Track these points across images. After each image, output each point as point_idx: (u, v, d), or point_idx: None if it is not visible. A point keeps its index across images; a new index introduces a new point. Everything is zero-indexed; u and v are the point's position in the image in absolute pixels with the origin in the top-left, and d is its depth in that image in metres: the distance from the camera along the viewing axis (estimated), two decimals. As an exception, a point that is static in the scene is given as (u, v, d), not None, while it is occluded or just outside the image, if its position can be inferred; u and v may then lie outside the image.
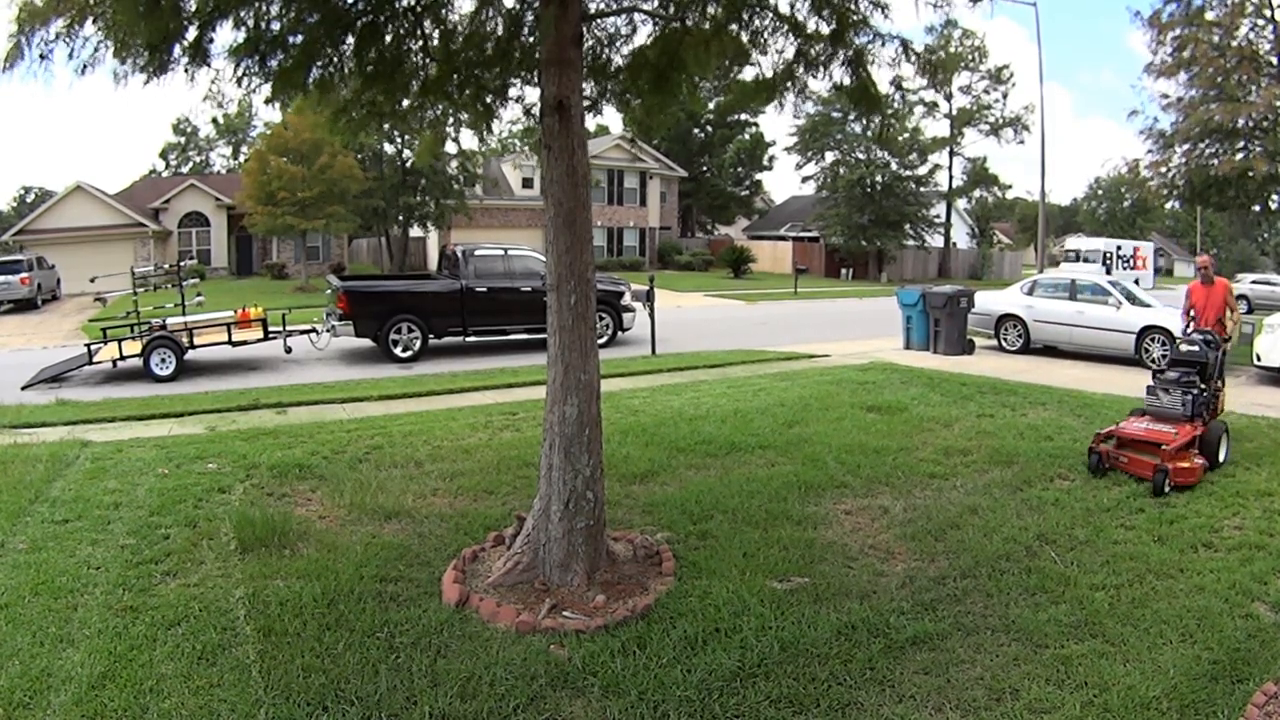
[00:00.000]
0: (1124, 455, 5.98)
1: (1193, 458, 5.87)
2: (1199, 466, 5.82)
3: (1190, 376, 6.37)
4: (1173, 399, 6.31)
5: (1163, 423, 6.18)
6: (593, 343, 4.03)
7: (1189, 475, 5.69)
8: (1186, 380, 6.34)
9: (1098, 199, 64.22)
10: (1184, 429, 6.04)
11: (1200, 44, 16.43)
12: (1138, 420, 6.40)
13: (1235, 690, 3.07)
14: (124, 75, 3.56)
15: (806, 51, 4.24)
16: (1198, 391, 6.27)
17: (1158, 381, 6.54)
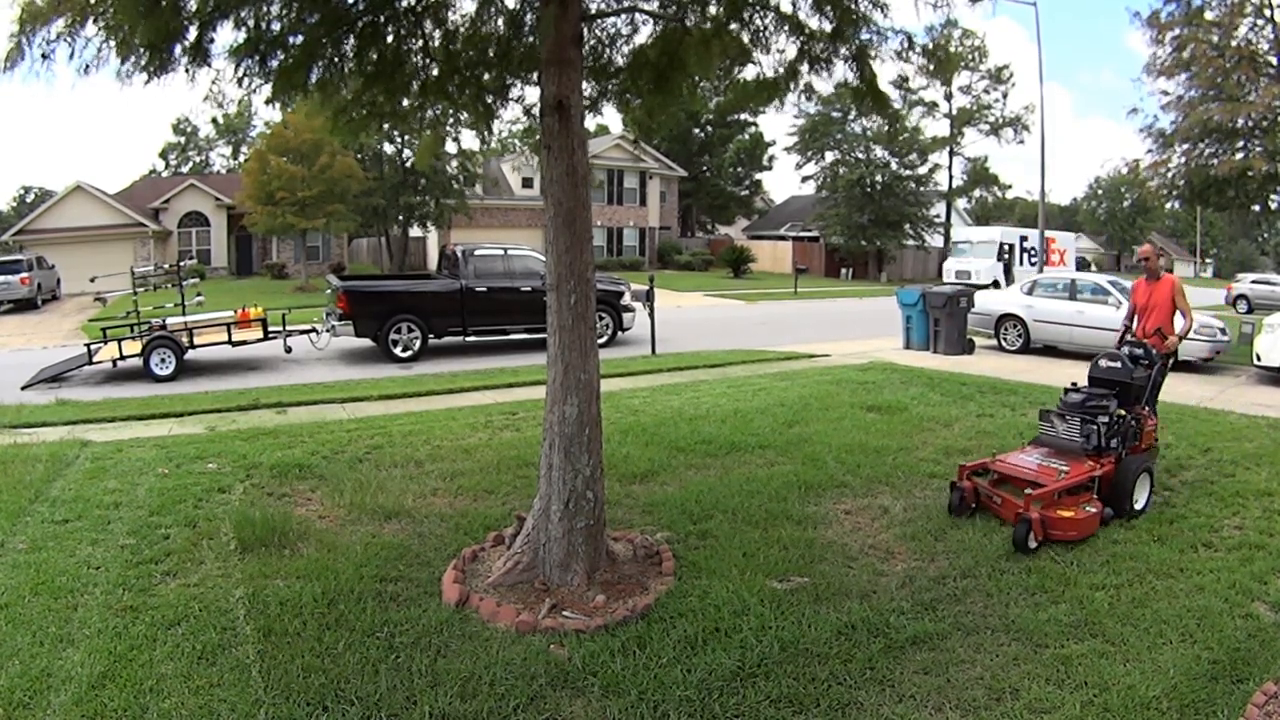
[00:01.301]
0: (998, 495, 4.89)
1: (1083, 505, 4.74)
2: (1089, 517, 4.65)
3: (1102, 400, 5.25)
4: (1070, 427, 5.23)
5: (1058, 457, 5.14)
6: (593, 342, 4.03)
7: (1071, 527, 4.55)
8: (1094, 405, 5.21)
9: (1098, 199, 64.27)
10: (1078, 467, 4.94)
11: (1199, 44, 16.44)
12: (1029, 451, 5.36)
13: (1235, 690, 3.07)
14: (126, 75, 3.56)
15: (809, 50, 4.24)
16: (1108, 419, 5.16)
17: (1061, 403, 5.42)
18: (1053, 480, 4.77)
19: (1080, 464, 4.98)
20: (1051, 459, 5.10)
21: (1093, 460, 5.05)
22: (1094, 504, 4.82)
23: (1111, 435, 5.16)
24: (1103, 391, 5.36)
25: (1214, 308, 23.49)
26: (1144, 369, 5.54)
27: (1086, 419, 5.19)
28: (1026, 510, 4.49)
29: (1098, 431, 5.11)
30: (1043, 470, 4.93)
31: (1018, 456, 5.23)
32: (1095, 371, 5.61)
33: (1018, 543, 4.43)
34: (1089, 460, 5.05)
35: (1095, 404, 5.24)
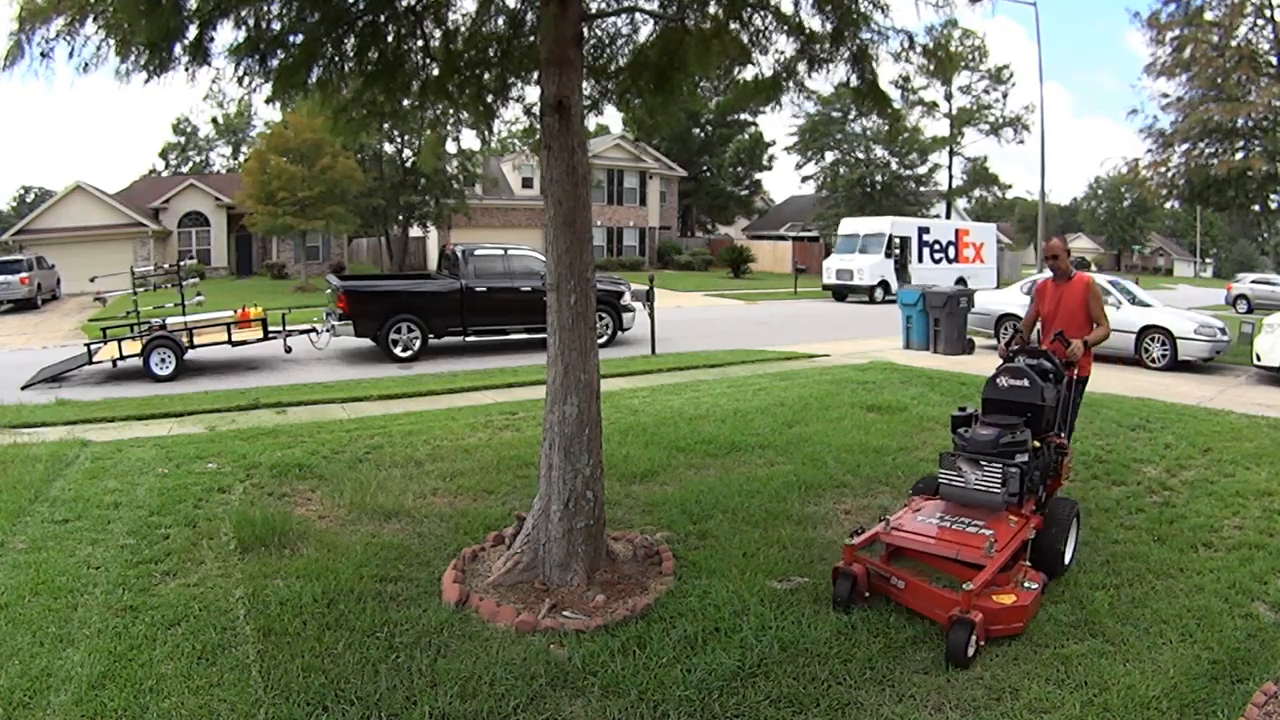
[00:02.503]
0: (898, 578, 3.73)
1: (1021, 579, 3.66)
2: (1034, 598, 3.56)
3: (1015, 434, 4.07)
4: (985, 475, 3.95)
5: (968, 515, 3.93)
6: (593, 342, 4.03)
7: (1017, 617, 3.47)
8: (1009, 441, 4.03)
9: (1097, 199, 64.29)
10: (1003, 528, 3.79)
11: (1199, 44, 16.46)
12: (927, 509, 4.11)
13: (1235, 690, 3.07)
14: (125, 74, 3.56)
15: (809, 50, 4.24)
16: (1029, 458, 4.03)
17: (963, 442, 4.19)
18: (980, 552, 3.55)
19: (1003, 523, 3.82)
20: (962, 519, 3.89)
21: (1016, 515, 3.92)
22: (1030, 575, 3.69)
23: (1033, 478, 4.09)
24: (1014, 421, 4.17)
25: (1214, 308, 23.50)
26: (1055, 385, 4.50)
27: (1004, 461, 3.94)
28: (967, 609, 3.29)
29: (1021, 475, 3.90)
30: (963, 541, 3.68)
31: (917, 520, 3.99)
32: (994, 393, 4.37)
33: (955, 655, 3.22)
34: (1012, 515, 3.89)
35: (1011, 439, 4.04)
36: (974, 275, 28.66)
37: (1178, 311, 12.74)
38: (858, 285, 26.40)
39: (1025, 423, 4.19)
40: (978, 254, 30.30)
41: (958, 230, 30.27)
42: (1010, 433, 4.10)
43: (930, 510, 4.10)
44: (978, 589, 3.38)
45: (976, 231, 31.17)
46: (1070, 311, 5.15)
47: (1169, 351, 11.85)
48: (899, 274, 27.13)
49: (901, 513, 4.15)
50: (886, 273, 26.73)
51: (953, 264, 28.95)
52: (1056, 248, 5.23)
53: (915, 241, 28.15)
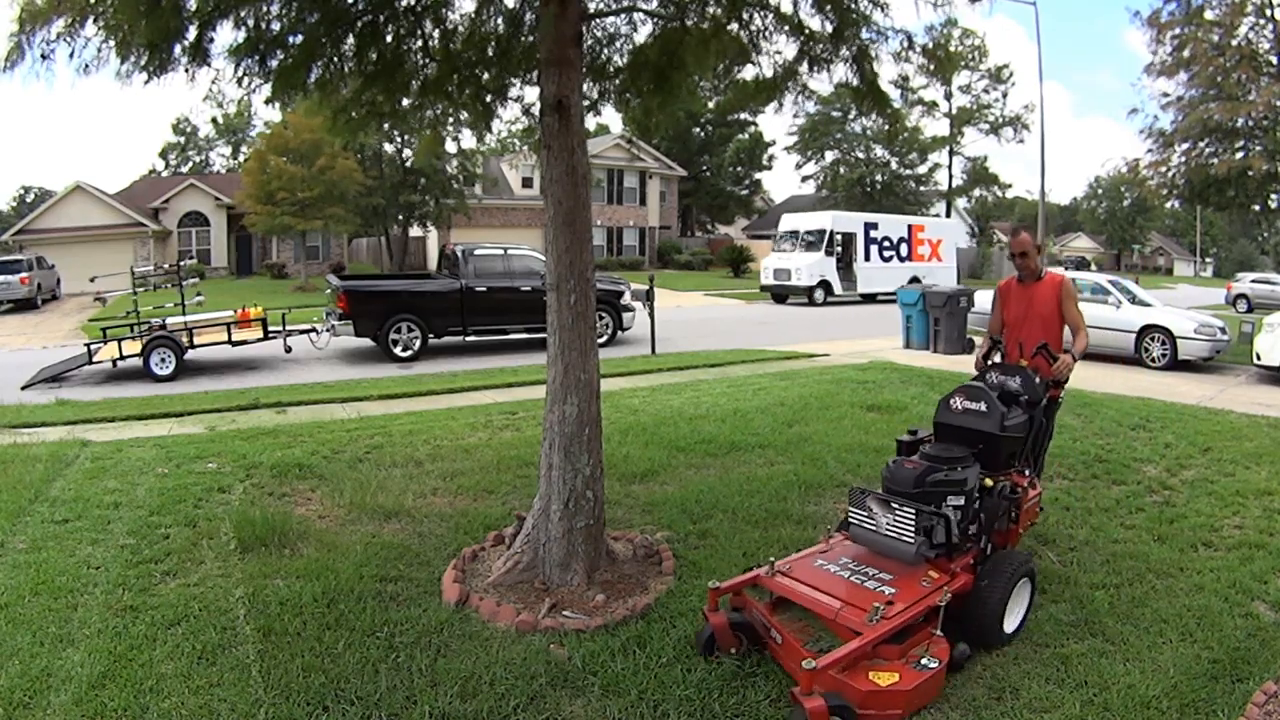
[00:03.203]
0: (779, 629, 3.13)
1: (916, 659, 2.97)
2: (924, 682, 2.88)
3: (953, 468, 3.40)
4: (899, 520, 3.26)
5: (878, 565, 3.32)
6: (592, 342, 4.03)
7: (895, 703, 2.80)
8: (940, 480, 3.35)
9: (1097, 198, 64.28)
10: (910, 587, 3.14)
11: (1200, 43, 16.47)
12: (834, 552, 3.51)
13: (1235, 689, 3.07)
14: (126, 75, 3.56)
15: (809, 50, 4.24)
16: (963, 502, 3.35)
17: (886, 473, 3.54)
18: (861, 618, 2.92)
19: (913, 581, 3.14)
20: (869, 569, 3.28)
21: (937, 570, 3.24)
22: (936, 648, 2.99)
23: (970, 525, 3.37)
24: (955, 455, 3.47)
25: (1214, 307, 23.49)
26: (1022, 410, 3.80)
27: (926, 505, 3.27)
28: (808, 690, 2.68)
29: (946, 525, 3.23)
30: (852, 598, 3.07)
31: (814, 564, 3.37)
32: (945, 415, 3.78)
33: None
34: (930, 572, 3.23)
35: (942, 477, 3.33)
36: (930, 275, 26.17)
37: (1178, 311, 12.75)
38: (795, 286, 24.62)
39: (969, 459, 3.50)
40: (934, 252, 28.15)
41: (911, 226, 28.14)
42: (946, 469, 3.37)
43: (838, 553, 3.44)
44: (823, 667, 2.72)
45: (933, 227, 29.07)
46: (1041, 317, 4.39)
47: (1169, 351, 11.85)
48: (842, 274, 25.59)
49: (805, 552, 3.53)
50: (828, 272, 25.03)
51: (905, 262, 26.94)
52: (1024, 243, 4.42)
53: (861, 238, 26.15)
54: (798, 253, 25.19)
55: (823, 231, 25.25)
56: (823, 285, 24.71)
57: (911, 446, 3.82)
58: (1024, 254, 4.45)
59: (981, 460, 3.60)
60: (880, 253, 26.58)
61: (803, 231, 25.78)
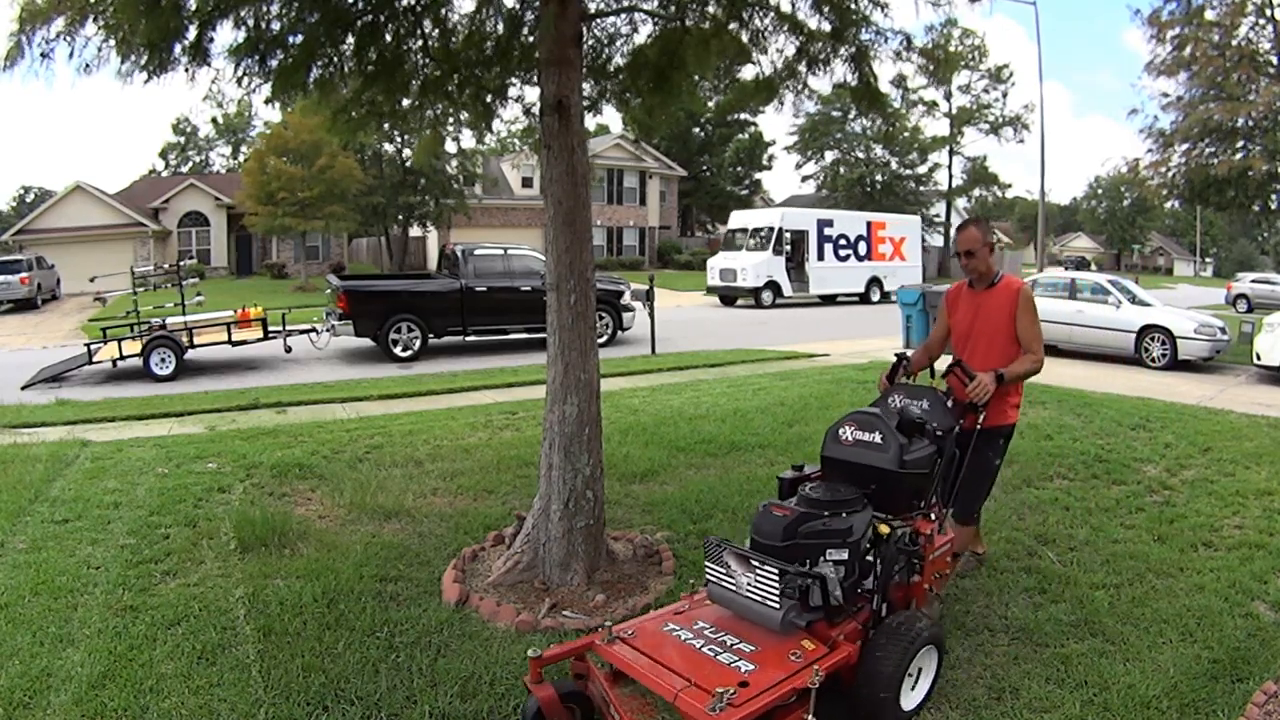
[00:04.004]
0: (619, 704, 2.61)
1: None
2: None
3: (832, 519, 2.77)
4: (763, 581, 2.62)
5: (741, 632, 2.66)
6: (592, 342, 4.03)
7: None
8: (818, 530, 2.74)
9: (1097, 198, 64.27)
10: (776, 663, 2.50)
11: (1200, 43, 16.47)
12: (691, 615, 2.86)
13: (1235, 689, 3.07)
14: (126, 74, 3.56)
15: (808, 50, 4.24)
16: (847, 557, 2.73)
17: (756, 521, 2.89)
18: (703, 705, 2.29)
19: (780, 653, 2.52)
20: (728, 637, 2.64)
21: (813, 640, 2.60)
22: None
23: (859, 583, 2.79)
24: (839, 497, 2.86)
25: (1214, 307, 23.49)
26: (929, 441, 3.15)
27: (798, 560, 2.68)
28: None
29: (823, 586, 2.64)
30: (700, 676, 2.43)
31: (660, 631, 2.73)
32: (833, 449, 3.16)
33: None
34: (805, 641, 2.60)
35: (820, 526, 2.73)
36: (892, 275, 25.29)
37: (1178, 311, 12.75)
38: (741, 287, 23.33)
39: (871, 496, 2.95)
40: (896, 250, 26.67)
41: (870, 223, 26.42)
42: (825, 515, 2.75)
43: (696, 616, 2.79)
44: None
45: (895, 225, 27.35)
46: (990, 332, 3.71)
47: (1169, 351, 11.85)
48: (793, 274, 24.24)
49: (658, 613, 2.97)
50: (776, 272, 23.58)
51: (864, 261, 25.73)
52: (970, 239, 3.68)
53: (814, 236, 24.63)
54: (744, 252, 23.82)
55: (771, 229, 23.84)
56: (771, 286, 23.45)
57: (793, 486, 3.12)
58: (969, 252, 3.70)
59: (877, 502, 2.97)
60: (836, 251, 25.16)
61: (750, 229, 24.46)
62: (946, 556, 3.18)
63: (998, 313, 3.72)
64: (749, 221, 25.17)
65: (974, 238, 3.70)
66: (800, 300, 24.70)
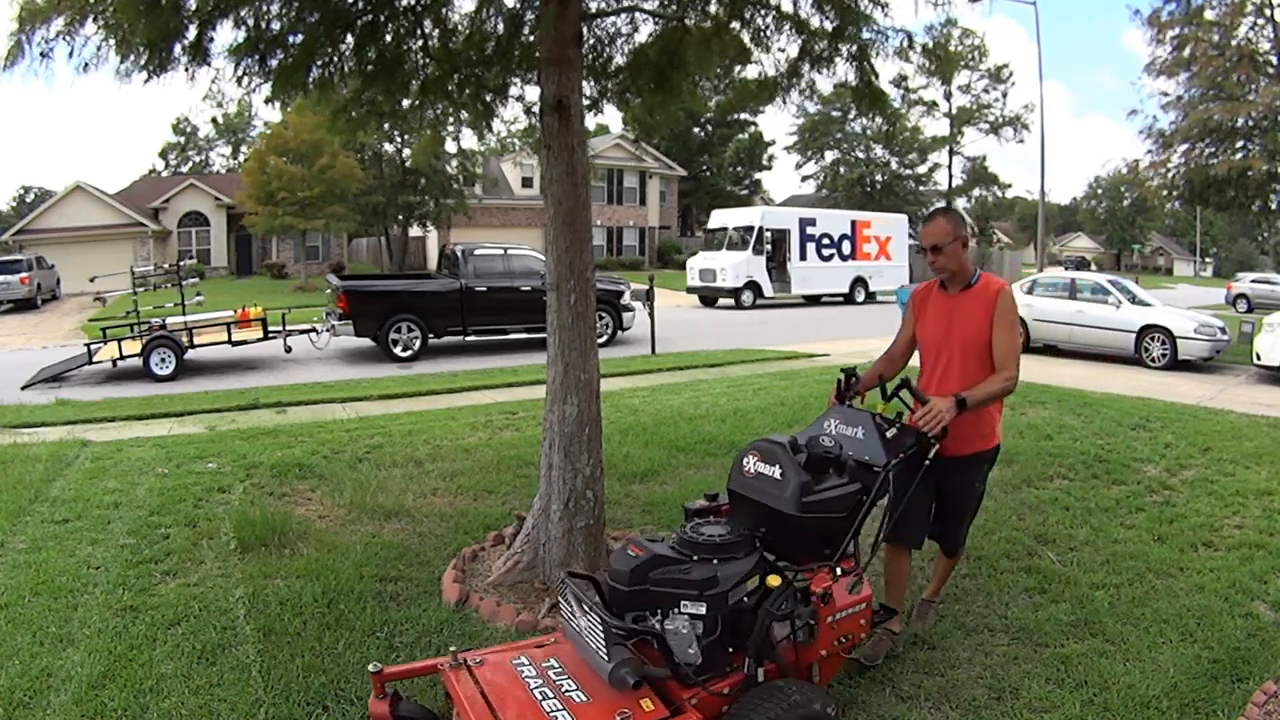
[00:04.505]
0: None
1: None
2: None
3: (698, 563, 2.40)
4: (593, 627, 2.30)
5: (582, 679, 2.32)
6: (592, 342, 4.03)
7: None
8: (672, 578, 2.35)
9: (1097, 198, 64.28)
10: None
11: (1200, 43, 16.48)
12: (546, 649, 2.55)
13: (1235, 689, 3.07)
14: (125, 74, 3.56)
15: (810, 48, 4.24)
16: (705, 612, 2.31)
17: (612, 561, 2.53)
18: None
19: (608, 711, 2.18)
20: (569, 683, 2.33)
21: (655, 701, 2.23)
22: None
23: (734, 640, 2.40)
24: (713, 540, 2.45)
25: (1214, 307, 23.49)
26: (849, 478, 2.67)
27: (647, 610, 2.35)
28: None
29: (662, 643, 2.30)
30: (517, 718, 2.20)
31: (508, 665, 2.45)
32: (737, 481, 2.75)
33: None
34: (644, 700, 2.22)
35: (676, 574, 2.36)
36: (877, 274, 25.12)
37: (1178, 311, 12.75)
38: (721, 287, 22.93)
39: (762, 540, 2.56)
40: (882, 249, 26.08)
41: (855, 222, 25.92)
42: (685, 561, 2.39)
43: (552, 653, 2.51)
44: None
45: (881, 224, 26.73)
46: (965, 343, 3.14)
47: (1169, 351, 11.85)
48: (774, 274, 23.76)
49: (521, 643, 2.70)
50: (756, 272, 23.09)
51: (847, 261, 25.33)
52: (937, 232, 3.13)
53: (796, 235, 24.09)
54: (724, 252, 23.37)
55: (751, 228, 23.38)
56: (751, 286, 23.03)
57: (699, 515, 2.73)
58: (936, 248, 3.13)
59: (775, 547, 2.60)
60: (819, 251, 24.70)
61: (730, 229, 23.99)
62: (860, 619, 2.56)
63: (974, 320, 3.13)
64: (729, 221, 24.66)
65: (941, 231, 3.13)
66: (783, 301, 24.53)
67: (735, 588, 2.38)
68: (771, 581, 2.42)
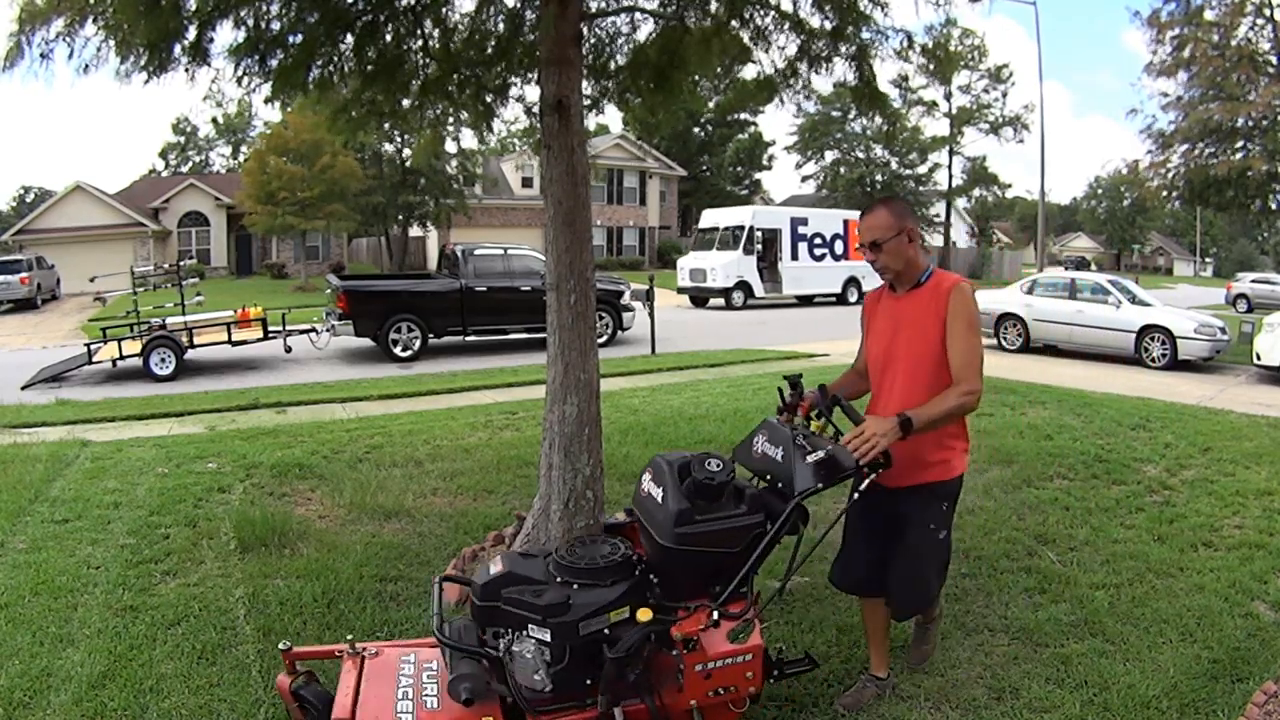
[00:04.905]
0: None
1: None
2: None
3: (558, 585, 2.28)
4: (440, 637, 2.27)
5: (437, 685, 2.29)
6: (592, 342, 4.03)
7: None
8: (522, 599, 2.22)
9: (1097, 198, 64.25)
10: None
11: (1199, 43, 16.48)
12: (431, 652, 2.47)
13: (1235, 689, 3.07)
14: (125, 75, 3.56)
15: (809, 48, 4.24)
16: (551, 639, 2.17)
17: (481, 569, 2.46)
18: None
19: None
20: (433, 685, 2.30)
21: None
22: None
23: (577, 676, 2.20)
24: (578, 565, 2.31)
25: (1214, 307, 23.49)
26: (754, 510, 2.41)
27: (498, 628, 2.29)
28: None
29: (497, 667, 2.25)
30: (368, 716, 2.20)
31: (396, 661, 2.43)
32: (635, 500, 2.67)
33: None
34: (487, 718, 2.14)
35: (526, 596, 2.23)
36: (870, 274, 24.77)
37: (1177, 311, 12.75)
38: (711, 287, 22.76)
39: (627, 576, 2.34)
40: None
41: (848, 221, 25.30)
42: (538, 582, 2.25)
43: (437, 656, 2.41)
44: None
45: None
46: (915, 353, 2.65)
47: (1169, 351, 11.85)
48: (765, 274, 23.68)
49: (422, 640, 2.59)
50: (747, 272, 22.95)
51: (840, 260, 25.05)
52: (876, 225, 2.64)
53: (787, 235, 24.02)
54: (714, 252, 23.14)
55: (741, 228, 23.19)
56: (741, 287, 22.88)
57: (609, 531, 2.65)
58: (874, 244, 2.65)
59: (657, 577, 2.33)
60: (811, 251, 24.51)
61: (721, 228, 23.81)
62: (745, 671, 2.24)
63: (924, 325, 2.63)
64: (720, 220, 24.47)
65: (880, 224, 2.64)
66: (774, 301, 24.46)
67: (591, 617, 2.16)
68: (642, 615, 2.17)
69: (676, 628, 2.18)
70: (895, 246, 2.66)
